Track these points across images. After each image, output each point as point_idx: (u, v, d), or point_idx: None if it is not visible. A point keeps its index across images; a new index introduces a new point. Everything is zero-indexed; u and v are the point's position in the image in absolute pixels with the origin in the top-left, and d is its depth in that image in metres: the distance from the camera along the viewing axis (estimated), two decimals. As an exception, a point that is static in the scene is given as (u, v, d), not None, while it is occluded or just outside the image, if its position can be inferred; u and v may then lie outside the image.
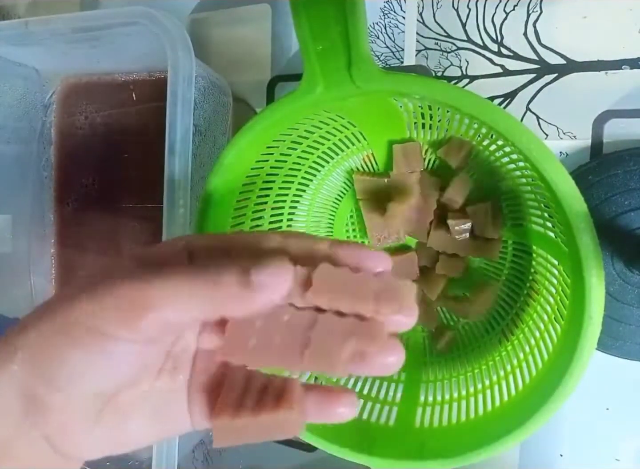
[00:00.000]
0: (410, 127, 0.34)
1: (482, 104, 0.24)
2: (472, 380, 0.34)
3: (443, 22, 0.38)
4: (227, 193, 0.32)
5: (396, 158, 0.36)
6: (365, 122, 0.34)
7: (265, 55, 0.43)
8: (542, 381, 0.28)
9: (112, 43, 0.37)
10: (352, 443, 0.30)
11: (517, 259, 0.35)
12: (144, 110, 0.44)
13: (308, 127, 0.32)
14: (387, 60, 0.40)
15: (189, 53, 0.32)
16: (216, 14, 0.45)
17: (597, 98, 0.34)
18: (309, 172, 0.38)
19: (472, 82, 0.37)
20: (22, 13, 0.52)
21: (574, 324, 0.25)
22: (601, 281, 0.24)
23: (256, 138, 0.29)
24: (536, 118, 0.36)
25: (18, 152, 0.46)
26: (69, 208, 0.47)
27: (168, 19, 0.32)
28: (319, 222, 0.40)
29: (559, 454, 0.37)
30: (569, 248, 0.26)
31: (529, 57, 0.36)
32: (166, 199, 0.31)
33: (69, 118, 0.47)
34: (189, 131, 0.32)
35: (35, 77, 0.45)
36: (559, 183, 0.23)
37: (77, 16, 0.35)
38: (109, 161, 0.45)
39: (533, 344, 0.31)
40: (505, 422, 0.28)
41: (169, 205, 0.31)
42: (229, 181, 0.31)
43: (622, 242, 0.33)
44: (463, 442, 0.29)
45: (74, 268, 0.47)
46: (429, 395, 0.34)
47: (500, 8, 0.36)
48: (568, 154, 0.35)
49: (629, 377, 0.34)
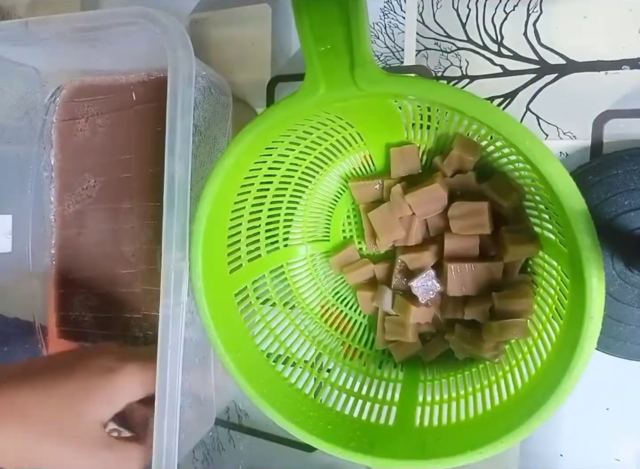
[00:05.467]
0: (408, 128, 0.34)
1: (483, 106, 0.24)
2: (471, 380, 0.34)
3: (443, 22, 0.38)
4: (225, 194, 0.32)
5: (393, 161, 0.36)
6: (364, 122, 0.34)
7: (265, 55, 0.43)
8: (542, 381, 0.28)
9: (112, 43, 0.37)
10: (352, 443, 0.30)
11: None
12: (144, 110, 0.44)
13: (307, 128, 0.32)
14: (387, 60, 0.40)
15: (189, 53, 0.32)
16: (216, 14, 0.45)
17: (597, 98, 0.34)
18: (307, 173, 0.38)
19: (472, 82, 0.37)
20: (22, 13, 0.52)
21: (574, 324, 0.25)
22: (601, 282, 0.24)
23: (256, 139, 0.29)
24: (536, 118, 0.36)
25: (18, 152, 0.46)
26: (69, 209, 0.47)
27: (168, 19, 0.32)
28: (316, 223, 0.40)
29: (559, 454, 0.37)
30: (568, 248, 0.26)
31: (529, 57, 0.36)
32: (166, 199, 0.31)
33: (69, 119, 0.47)
34: (189, 131, 0.32)
35: (35, 77, 0.45)
36: (559, 184, 0.23)
37: (77, 16, 0.35)
38: (109, 161, 0.45)
39: (531, 343, 0.31)
40: (505, 421, 0.28)
41: (169, 205, 0.31)
42: (228, 182, 0.31)
43: (622, 242, 0.33)
44: (463, 441, 0.28)
45: (74, 268, 0.47)
46: (427, 395, 0.34)
47: (500, 8, 0.36)
48: (568, 154, 0.35)
49: (629, 377, 0.34)
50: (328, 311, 0.40)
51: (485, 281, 0.33)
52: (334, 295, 0.41)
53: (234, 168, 0.30)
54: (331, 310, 0.40)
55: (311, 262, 0.41)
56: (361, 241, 0.40)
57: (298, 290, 0.40)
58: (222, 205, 0.32)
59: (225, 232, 0.34)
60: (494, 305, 0.33)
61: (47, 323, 0.48)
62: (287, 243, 0.40)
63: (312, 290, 0.41)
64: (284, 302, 0.39)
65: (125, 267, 0.45)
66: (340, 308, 0.41)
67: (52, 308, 0.48)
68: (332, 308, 0.41)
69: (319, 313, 0.40)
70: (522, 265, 0.34)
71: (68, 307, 0.48)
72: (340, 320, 0.40)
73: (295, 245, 0.40)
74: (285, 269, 0.40)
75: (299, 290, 0.40)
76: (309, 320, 0.40)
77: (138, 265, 0.44)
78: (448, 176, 0.34)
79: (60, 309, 0.48)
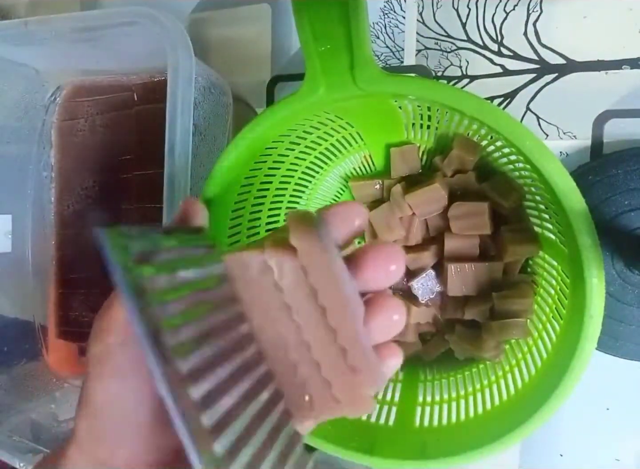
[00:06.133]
0: (408, 128, 0.34)
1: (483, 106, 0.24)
2: (471, 380, 0.34)
3: (443, 22, 0.38)
4: (225, 194, 0.32)
5: (393, 161, 0.36)
6: (364, 122, 0.34)
7: (265, 55, 0.43)
8: (542, 381, 0.28)
9: (112, 43, 0.37)
10: (353, 443, 0.30)
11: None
12: (144, 110, 0.43)
13: (307, 128, 0.32)
14: (387, 60, 0.40)
15: (189, 53, 0.32)
16: (216, 14, 0.45)
17: (597, 98, 0.34)
18: (307, 173, 0.38)
19: (472, 82, 0.37)
20: (22, 13, 0.52)
21: (574, 323, 0.25)
22: (601, 282, 0.24)
23: (256, 139, 0.29)
24: (536, 118, 0.36)
25: (18, 152, 0.46)
26: (69, 209, 0.47)
27: (168, 19, 0.32)
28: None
29: (559, 454, 0.37)
30: (568, 248, 0.26)
31: (529, 57, 0.36)
32: (166, 199, 0.31)
33: (69, 119, 0.47)
34: (189, 131, 0.32)
35: (35, 77, 0.45)
36: (559, 184, 0.23)
37: (77, 16, 0.35)
38: (109, 161, 0.45)
39: (531, 343, 0.31)
40: (506, 421, 0.28)
41: (169, 205, 0.31)
42: (228, 182, 0.31)
43: (622, 242, 0.33)
44: (464, 441, 0.28)
45: (74, 268, 0.47)
46: (427, 395, 0.34)
47: (500, 8, 0.36)
48: (568, 154, 0.35)
49: (629, 377, 0.34)
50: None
51: (485, 281, 0.33)
52: (334, 295, 0.41)
53: (234, 168, 0.30)
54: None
55: (311, 262, 0.41)
56: (361, 241, 0.40)
57: (298, 290, 0.40)
58: (222, 205, 0.32)
59: (226, 232, 0.34)
60: (494, 305, 0.33)
61: (47, 323, 0.48)
62: (287, 243, 0.40)
63: (312, 290, 0.41)
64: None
65: (125, 267, 0.45)
66: (340, 308, 0.41)
67: (52, 308, 0.48)
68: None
69: (319, 313, 0.40)
70: (522, 265, 0.34)
71: (68, 307, 0.48)
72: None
73: (295, 245, 0.40)
74: (285, 269, 0.40)
75: (299, 290, 0.40)
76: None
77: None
78: (448, 176, 0.34)
79: (60, 309, 0.48)
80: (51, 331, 0.48)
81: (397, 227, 0.35)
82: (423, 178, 0.35)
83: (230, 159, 0.29)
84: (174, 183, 0.31)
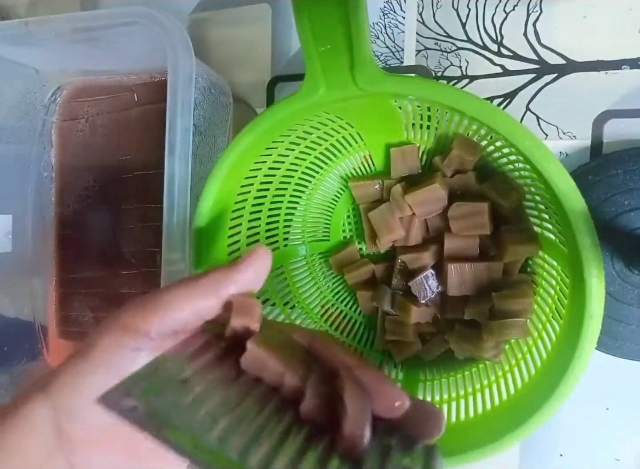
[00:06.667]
0: (408, 128, 0.34)
1: (483, 106, 0.24)
2: (471, 379, 0.34)
3: (443, 22, 0.38)
4: (225, 194, 0.32)
5: (393, 161, 0.36)
6: (364, 122, 0.34)
7: (265, 55, 0.43)
8: (542, 381, 0.28)
9: (112, 43, 0.37)
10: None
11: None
12: (144, 110, 0.44)
13: (307, 128, 0.32)
14: (387, 60, 0.40)
15: (189, 53, 0.32)
16: (216, 14, 0.45)
17: (597, 98, 0.34)
18: (307, 173, 0.38)
19: (472, 82, 0.37)
20: (22, 13, 0.52)
21: (574, 323, 0.25)
22: (601, 282, 0.24)
23: (256, 140, 0.29)
24: (536, 118, 0.36)
25: (18, 152, 0.46)
26: (69, 209, 0.47)
27: (168, 19, 0.32)
28: (316, 223, 0.40)
29: (559, 454, 0.37)
30: (568, 248, 0.26)
31: (529, 57, 0.36)
32: (166, 199, 0.31)
33: (70, 119, 0.47)
34: (189, 131, 0.32)
35: (35, 77, 0.45)
36: (559, 184, 0.23)
37: (77, 16, 0.35)
38: (109, 161, 0.45)
39: (531, 343, 0.31)
40: (505, 421, 0.28)
41: (169, 206, 0.31)
42: (228, 182, 0.31)
43: (622, 242, 0.33)
44: (463, 441, 0.28)
45: (74, 268, 0.47)
46: (427, 395, 0.34)
47: (500, 8, 0.36)
48: (568, 154, 0.35)
49: (629, 377, 0.34)
50: (328, 311, 0.40)
51: (485, 281, 0.33)
52: (334, 294, 0.41)
53: (234, 168, 0.30)
54: (331, 310, 0.40)
55: (311, 262, 0.41)
56: (361, 241, 0.40)
57: (298, 290, 0.40)
58: (222, 205, 0.32)
59: (226, 232, 0.34)
60: (494, 305, 0.33)
61: (47, 323, 0.48)
62: (287, 243, 0.40)
63: (312, 290, 0.41)
64: (284, 302, 0.39)
65: (125, 268, 0.45)
66: (340, 308, 0.41)
67: (52, 308, 0.48)
68: (332, 308, 0.41)
69: (319, 313, 0.40)
70: (522, 265, 0.34)
71: (68, 307, 0.48)
72: (340, 320, 0.40)
73: (295, 245, 0.40)
74: (285, 269, 0.40)
75: (299, 290, 0.40)
76: (309, 319, 0.40)
77: (138, 266, 0.44)
78: (448, 176, 0.34)
79: (60, 309, 0.48)
80: (51, 331, 0.48)
81: (397, 227, 0.35)
82: (423, 179, 0.35)
83: (230, 159, 0.30)
84: (174, 183, 0.31)
